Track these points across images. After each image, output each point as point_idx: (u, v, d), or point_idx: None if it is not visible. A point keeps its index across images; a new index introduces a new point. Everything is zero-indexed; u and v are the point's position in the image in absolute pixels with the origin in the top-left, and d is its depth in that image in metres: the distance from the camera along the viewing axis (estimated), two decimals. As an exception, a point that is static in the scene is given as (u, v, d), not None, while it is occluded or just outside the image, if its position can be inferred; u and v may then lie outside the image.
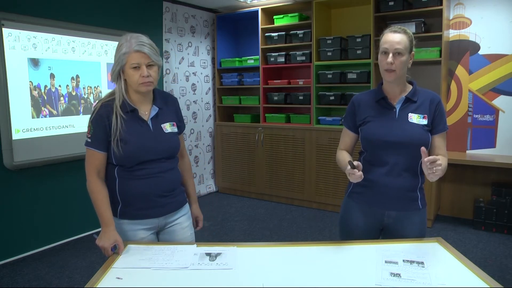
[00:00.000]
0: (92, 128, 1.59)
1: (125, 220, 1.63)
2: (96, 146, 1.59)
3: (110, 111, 1.57)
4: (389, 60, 1.57)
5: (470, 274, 1.33)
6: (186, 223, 1.77)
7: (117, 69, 1.56)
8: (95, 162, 1.60)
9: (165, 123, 1.67)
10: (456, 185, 4.10)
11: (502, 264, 3.06)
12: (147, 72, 1.54)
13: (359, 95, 1.78)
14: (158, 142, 1.63)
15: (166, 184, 1.66)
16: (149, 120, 1.64)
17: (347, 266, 1.41)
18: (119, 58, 1.54)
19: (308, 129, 4.48)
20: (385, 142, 1.62)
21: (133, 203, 1.62)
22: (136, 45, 1.52)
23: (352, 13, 4.50)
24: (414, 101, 1.65)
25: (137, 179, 1.60)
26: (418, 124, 1.62)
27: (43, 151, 3.33)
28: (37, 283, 2.86)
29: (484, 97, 3.96)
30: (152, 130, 1.63)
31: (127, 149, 1.56)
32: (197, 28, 5.03)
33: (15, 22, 3.09)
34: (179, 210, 1.74)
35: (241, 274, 1.36)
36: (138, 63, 1.53)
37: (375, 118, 1.68)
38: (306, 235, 3.75)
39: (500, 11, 3.79)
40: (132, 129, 1.59)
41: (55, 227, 3.50)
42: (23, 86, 3.19)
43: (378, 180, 1.64)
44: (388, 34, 1.61)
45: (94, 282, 1.30)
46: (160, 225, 1.70)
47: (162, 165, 1.64)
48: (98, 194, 1.58)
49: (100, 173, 1.61)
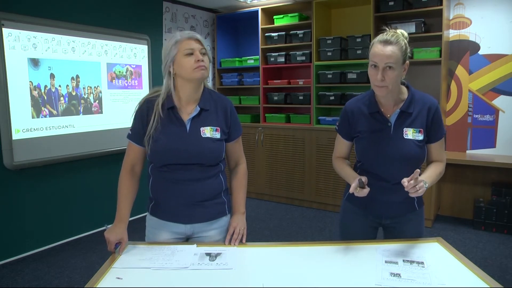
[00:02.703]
0: (133, 122, 1.58)
1: (153, 218, 1.63)
2: (134, 139, 1.58)
3: (151, 107, 1.54)
4: (379, 77, 1.47)
5: (470, 274, 1.33)
6: (217, 237, 1.63)
7: (168, 61, 1.51)
8: (131, 155, 1.60)
9: (206, 126, 1.55)
10: (456, 185, 4.09)
11: (502, 264, 3.06)
12: (201, 56, 1.49)
13: (351, 103, 1.70)
14: (190, 146, 1.51)
15: (194, 194, 1.55)
16: (188, 120, 1.54)
17: (347, 266, 1.41)
18: (171, 48, 1.50)
19: (308, 129, 4.48)
20: (379, 160, 1.60)
21: (161, 203, 1.60)
22: (188, 34, 1.51)
23: (352, 13, 4.50)
24: (409, 113, 1.57)
25: (166, 181, 1.56)
26: (413, 141, 1.57)
27: (43, 151, 3.33)
28: (37, 283, 2.86)
29: (484, 97, 3.96)
30: (188, 131, 1.54)
31: (154, 148, 1.53)
32: (197, 28, 5.03)
33: (15, 22, 3.09)
34: (211, 222, 1.61)
35: (241, 274, 1.36)
36: (192, 49, 1.49)
37: (369, 134, 1.62)
38: (306, 235, 3.75)
39: (500, 11, 3.79)
40: (165, 128, 1.52)
41: (55, 227, 3.50)
42: (23, 86, 3.19)
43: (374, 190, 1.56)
44: (378, 46, 1.48)
45: (94, 282, 1.30)
46: (187, 233, 1.62)
47: (192, 173, 1.54)
48: (123, 189, 1.58)
49: (135, 167, 1.61)
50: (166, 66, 1.53)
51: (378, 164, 1.62)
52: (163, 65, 1.55)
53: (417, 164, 1.60)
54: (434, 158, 1.64)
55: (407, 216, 1.68)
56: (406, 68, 1.54)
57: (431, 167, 1.62)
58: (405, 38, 1.53)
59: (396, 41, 1.48)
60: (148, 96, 1.59)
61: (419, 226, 1.71)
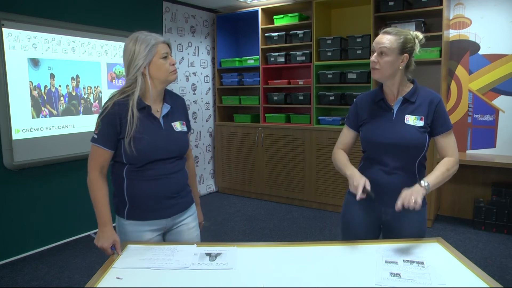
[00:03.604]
0: (101, 125, 1.55)
1: (132, 221, 1.62)
2: (103, 143, 1.56)
3: (124, 109, 1.55)
4: (373, 58, 1.62)
5: (470, 274, 1.33)
6: (192, 223, 1.77)
7: (146, 62, 1.55)
8: (99, 159, 1.58)
9: (175, 121, 1.68)
10: (456, 185, 4.10)
11: (502, 264, 3.06)
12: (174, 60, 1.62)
13: (361, 95, 1.81)
14: (169, 141, 1.63)
15: (174, 185, 1.65)
16: (160, 118, 1.64)
17: (347, 266, 1.41)
18: (149, 50, 1.54)
19: (308, 129, 4.48)
20: (381, 144, 1.65)
21: (141, 204, 1.61)
22: (161, 37, 1.59)
23: (352, 13, 4.50)
24: (412, 102, 1.65)
25: (146, 180, 1.59)
26: (414, 126, 1.62)
27: (43, 151, 3.33)
28: (37, 283, 2.86)
29: (484, 97, 3.96)
30: (163, 128, 1.63)
31: (139, 147, 1.55)
32: (197, 28, 5.03)
33: (15, 22, 3.09)
34: (186, 210, 1.74)
35: (241, 274, 1.36)
36: (167, 53, 1.59)
37: (372, 120, 1.70)
38: (306, 235, 3.75)
39: (500, 11, 3.79)
40: (144, 127, 1.57)
41: (55, 227, 3.50)
42: (23, 86, 3.19)
43: (377, 178, 1.65)
44: (380, 34, 1.64)
45: (94, 282, 1.30)
46: (167, 226, 1.68)
47: (172, 166, 1.63)
48: (98, 192, 1.57)
49: (103, 170, 1.60)
50: (139, 67, 1.55)
51: (379, 149, 1.67)
52: (132, 66, 1.56)
53: (418, 150, 1.63)
54: (443, 153, 1.66)
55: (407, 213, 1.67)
56: (404, 60, 1.62)
57: (439, 164, 1.64)
58: (414, 37, 1.65)
59: (395, 33, 1.60)
60: (117, 98, 1.57)
61: (420, 226, 1.71)
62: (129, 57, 1.56)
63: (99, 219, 1.56)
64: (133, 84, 1.57)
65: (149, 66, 1.57)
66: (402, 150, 1.63)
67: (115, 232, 1.57)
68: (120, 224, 1.63)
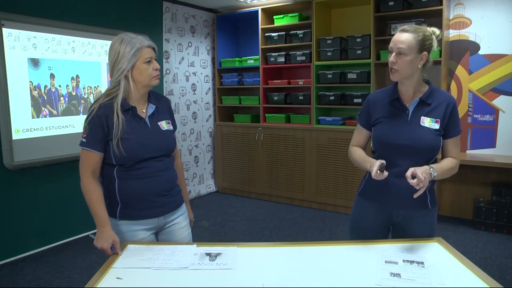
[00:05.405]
0: (89, 128, 1.57)
1: (124, 221, 1.63)
2: (92, 146, 1.57)
3: (109, 111, 1.57)
4: (391, 59, 1.58)
5: (470, 274, 1.33)
6: (183, 223, 1.79)
7: (129, 66, 1.57)
8: (90, 162, 1.59)
9: (161, 121, 1.70)
10: (456, 185, 4.10)
11: (502, 264, 3.06)
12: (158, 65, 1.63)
13: (375, 93, 1.77)
14: (157, 140, 1.65)
15: (164, 183, 1.67)
16: (146, 118, 1.66)
17: (347, 266, 1.41)
18: (134, 54, 1.56)
19: (308, 129, 4.48)
20: (395, 145, 1.61)
21: (132, 203, 1.62)
22: (146, 41, 1.60)
23: (352, 13, 4.50)
24: (428, 104, 1.62)
25: (136, 179, 1.61)
26: (429, 128, 1.59)
27: (43, 151, 3.33)
28: (37, 283, 2.86)
29: (484, 97, 3.96)
30: (150, 128, 1.66)
31: (127, 147, 1.56)
32: (197, 28, 5.03)
33: (15, 22, 3.09)
34: (177, 209, 1.76)
35: (241, 274, 1.36)
36: (151, 57, 1.60)
37: (387, 119, 1.66)
38: (306, 235, 3.75)
39: (500, 11, 3.79)
40: (131, 128, 1.60)
41: (55, 227, 3.50)
42: (23, 86, 3.19)
43: (388, 180, 1.58)
44: (397, 33, 1.59)
45: (94, 282, 1.30)
46: (159, 225, 1.70)
47: (161, 164, 1.66)
48: (93, 194, 1.58)
49: (95, 172, 1.61)
50: (122, 70, 1.57)
51: (392, 150, 1.63)
52: (116, 68, 1.58)
53: (431, 153, 1.61)
54: (448, 155, 1.66)
55: (418, 214, 1.67)
56: (424, 59, 1.58)
57: (444, 160, 1.64)
58: (432, 34, 1.59)
59: (413, 31, 1.56)
60: (102, 101, 1.59)
61: (430, 227, 1.69)
62: (113, 58, 1.59)
63: (97, 220, 1.57)
64: (117, 86, 1.60)
65: (132, 70, 1.59)
66: (416, 152, 1.59)
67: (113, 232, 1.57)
68: (112, 225, 1.63)
